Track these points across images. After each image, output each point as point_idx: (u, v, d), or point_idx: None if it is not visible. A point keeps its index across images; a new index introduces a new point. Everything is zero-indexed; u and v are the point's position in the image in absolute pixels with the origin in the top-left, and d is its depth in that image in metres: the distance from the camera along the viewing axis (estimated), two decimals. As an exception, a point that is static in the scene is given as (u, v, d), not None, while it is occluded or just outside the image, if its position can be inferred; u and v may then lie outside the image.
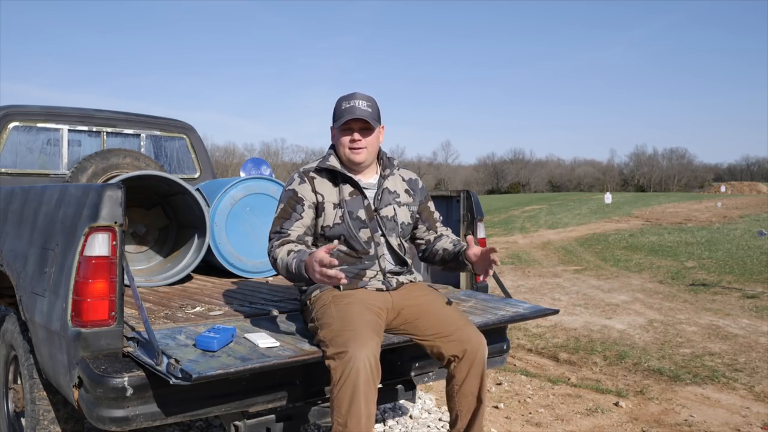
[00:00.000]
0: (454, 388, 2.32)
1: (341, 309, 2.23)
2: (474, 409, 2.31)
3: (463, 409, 2.32)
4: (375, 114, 2.44)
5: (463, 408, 2.32)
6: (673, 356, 4.73)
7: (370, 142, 2.44)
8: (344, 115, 2.39)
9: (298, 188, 2.43)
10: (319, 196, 2.43)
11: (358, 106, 2.39)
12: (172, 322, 2.48)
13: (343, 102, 2.42)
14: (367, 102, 2.42)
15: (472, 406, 2.30)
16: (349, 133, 2.42)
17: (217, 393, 2.10)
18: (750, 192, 43.11)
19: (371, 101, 2.45)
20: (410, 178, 2.64)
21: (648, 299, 7.03)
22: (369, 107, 2.42)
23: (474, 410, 2.31)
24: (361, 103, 2.40)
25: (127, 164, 4.22)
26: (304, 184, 2.43)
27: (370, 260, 2.44)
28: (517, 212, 25.93)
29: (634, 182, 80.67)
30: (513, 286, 8.03)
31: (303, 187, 2.43)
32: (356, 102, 2.40)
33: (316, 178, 2.45)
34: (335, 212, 2.41)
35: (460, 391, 2.30)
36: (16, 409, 2.84)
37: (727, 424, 3.44)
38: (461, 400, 2.31)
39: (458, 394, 2.31)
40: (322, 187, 2.44)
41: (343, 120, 2.39)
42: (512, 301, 2.99)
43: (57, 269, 2.21)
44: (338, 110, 2.43)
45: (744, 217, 18.89)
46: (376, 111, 2.45)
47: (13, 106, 4.38)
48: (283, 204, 2.42)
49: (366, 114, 2.39)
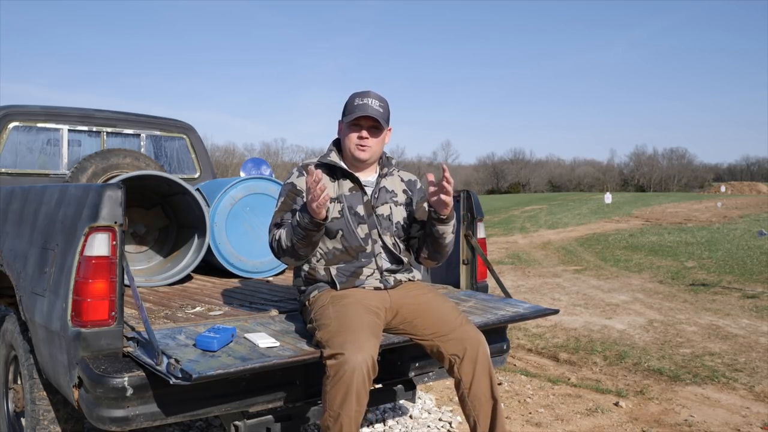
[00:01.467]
0: (464, 393, 2.25)
1: (339, 310, 2.23)
2: (491, 410, 2.23)
3: (480, 413, 2.24)
4: (386, 115, 2.45)
5: (479, 412, 2.24)
6: (673, 356, 4.73)
7: (376, 142, 2.44)
8: (356, 111, 2.39)
9: (296, 181, 2.44)
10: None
11: (370, 104, 2.39)
12: (172, 322, 2.48)
13: (357, 98, 2.42)
14: (380, 102, 2.43)
15: (488, 407, 2.23)
16: (357, 129, 2.42)
17: (217, 393, 2.10)
18: (750, 192, 43.12)
19: (384, 102, 2.45)
20: (409, 179, 2.64)
21: (648, 299, 7.03)
22: (381, 107, 2.42)
23: (492, 412, 2.23)
24: (374, 102, 2.41)
25: (127, 164, 4.22)
26: (302, 177, 2.44)
27: (367, 258, 2.43)
28: (517, 212, 25.93)
29: (634, 182, 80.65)
30: (513, 286, 8.03)
31: (301, 180, 2.43)
32: (369, 100, 2.40)
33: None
34: (333, 206, 2.41)
35: (471, 394, 2.24)
36: (16, 409, 2.84)
37: (727, 424, 3.44)
38: (474, 403, 2.24)
39: (470, 397, 2.24)
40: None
41: (354, 116, 2.39)
42: (512, 301, 2.99)
43: (57, 269, 2.21)
44: (350, 105, 2.43)
45: (744, 217, 18.89)
46: (387, 112, 2.46)
47: (13, 106, 4.38)
48: (283, 197, 2.45)
49: (378, 113, 2.39)
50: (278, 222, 2.40)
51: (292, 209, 2.39)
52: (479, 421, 2.25)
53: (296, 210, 2.31)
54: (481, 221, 3.27)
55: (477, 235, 3.23)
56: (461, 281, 3.28)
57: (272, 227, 2.41)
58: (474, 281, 3.25)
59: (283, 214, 2.41)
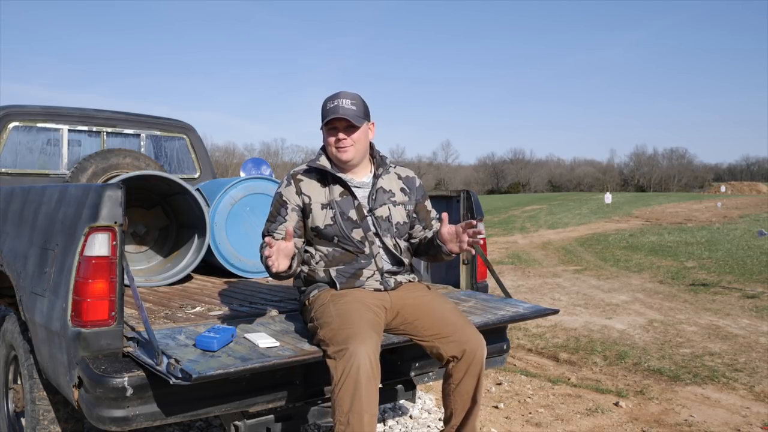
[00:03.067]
0: (450, 387, 2.33)
1: (340, 308, 2.23)
2: (468, 408, 2.31)
3: (458, 407, 2.33)
4: (360, 112, 2.43)
5: (458, 407, 2.33)
6: (673, 356, 4.73)
7: (357, 139, 2.42)
8: (328, 114, 2.40)
9: (284, 191, 2.46)
10: (305, 198, 2.43)
11: (341, 105, 2.39)
12: (172, 322, 2.48)
13: (328, 102, 2.43)
14: (351, 100, 2.41)
15: (467, 405, 2.31)
16: (334, 132, 2.42)
17: (217, 393, 2.10)
18: (750, 192, 43.13)
19: (356, 99, 2.44)
20: (407, 176, 2.62)
21: (648, 299, 7.03)
22: (353, 105, 2.41)
23: (468, 410, 2.32)
24: (345, 102, 2.40)
25: (127, 164, 4.22)
26: (289, 186, 2.46)
27: (367, 259, 2.43)
28: (517, 212, 25.93)
29: (634, 182, 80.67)
30: (513, 286, 8.03)
31: (288, 190, 2.45)
32: (340, 101, 2.40)
33: (303, 180, 2.46)
34: (324, 213, 2.42)
35: (456, 390, 2.31)
36: (16, 409, 2.84)
37: (727, 424, 3.44)
38: (456, 398, 2.32)
39: (454, 392, 2.32)
40: (309, 189, 2.45)
41: (326, 119, 2.40)
42: (512, 301, 2.99)
43: (57, 269, 2.21)
44: (324, 110, 2.43)
45: (744, 217, 18.89)
46: (361, 108, 2.44)
47: (13, 106, 4.38)
48: (272, 207, 2.49)
49: (349, 113, 2.38)
50: (266, 233, 2.43)
51: (278, 220, 2.42)
52: (455, 414, 2.34)
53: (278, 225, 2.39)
54: (481, 221, 3.26)
55: (477, 235, 3.22)
56: (461, 281, 3.28)
57: (262, 235, 2.43)
58: (474, 281, 3.25)
59: (270, 225, 2.45)
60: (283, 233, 2.38)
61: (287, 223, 2.40)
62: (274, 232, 2.41)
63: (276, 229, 2.41)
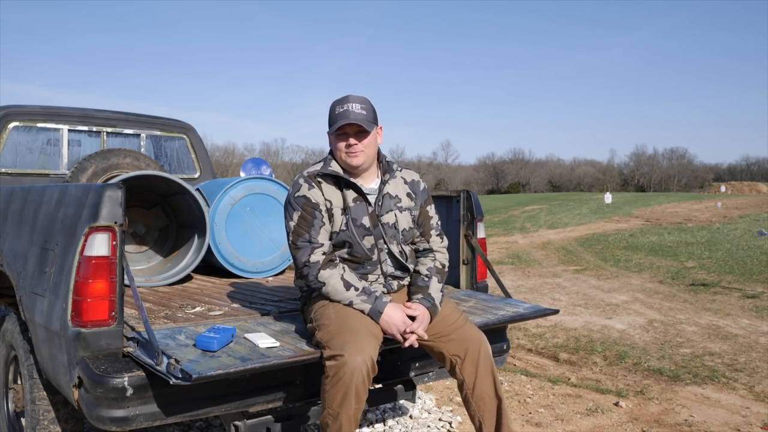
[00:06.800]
0: (467, 394, 2.25)
1: (339, 310, 2.22)
2: (496, 408, 2.23)
3: (485, 413, 2.24)
4: (370, 116, 2.37)
5: (484, 412, 2.24)
6: (673, 356, 4.73)
7: (367, 144, 2.36)
8: (338, 120, 2.32)
9: (309, 194, 2.33)
10: (328, 202, 2.36)
11: (351, 109, 2.32)
12: (172, 322, 2.48)
13: (337, 106, 2.35)
14: (361, 105, 2.35)
15: (493, 406, 2.23)
16: (344, 138, 2.34)
17: (217, 393, 2.10)
18: (750, 192, 43.14)
19: (365, 103, 2.38)
20: (412, 180, 2.55)
21: (648, 299, 7.03)
22: (363, 110, 2.34)
23: (497, 410, 2.23)
24: (355, 107, 2.33)
25: (127, 164, 4.22)
26: (313, 189, 2.34)
27: (373, 265, 2.41)
28: (517, 212, 25.93)
29: (634, 182, 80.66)
30: (513, 286, 8.03)
31: (314, 193, 2.34)
32: (349, 105, 2.33)
33: (323, 183, 2.37)
34: (342, 218, 2.36)
35: (475, 395, 2.23)
36: (16, 409, 2.84)
37: (727, 424, 3.44)
38: (479, 403, 2.24)
39: (474, 398, 2.24)
40: (330, 193, 2.37)
41: (337, 125, 2.32)
42: (512, 301, 2.99)
43: (57, 269, 2.21)
44: (332, 115, 2.36)
45: (744, 217, 18.89)
46: (371, 113, 2.38)
47: (13, 106, 4.38)
48: (299, 211, 2.32)
49: (360, 118, 2.32)
50: (308, 240, 2.29)
51: (315, 224, 2.31)
52: (484, 421, 2.25)
53: (358, 291, 2.26)
54: (481, 221, 3.27)
55: (477, 235, 3.23)
56: (461, 281, 3.28)
57: (302, 243, 2.30)
58: (474, 281, 3.25)
59: (309, 229, 2.29)
60: (326, 236, 2.31)
61: (326, 226, 2.31)
62: (317, 238, 2.29)
63: (318, 236, 2.29)
